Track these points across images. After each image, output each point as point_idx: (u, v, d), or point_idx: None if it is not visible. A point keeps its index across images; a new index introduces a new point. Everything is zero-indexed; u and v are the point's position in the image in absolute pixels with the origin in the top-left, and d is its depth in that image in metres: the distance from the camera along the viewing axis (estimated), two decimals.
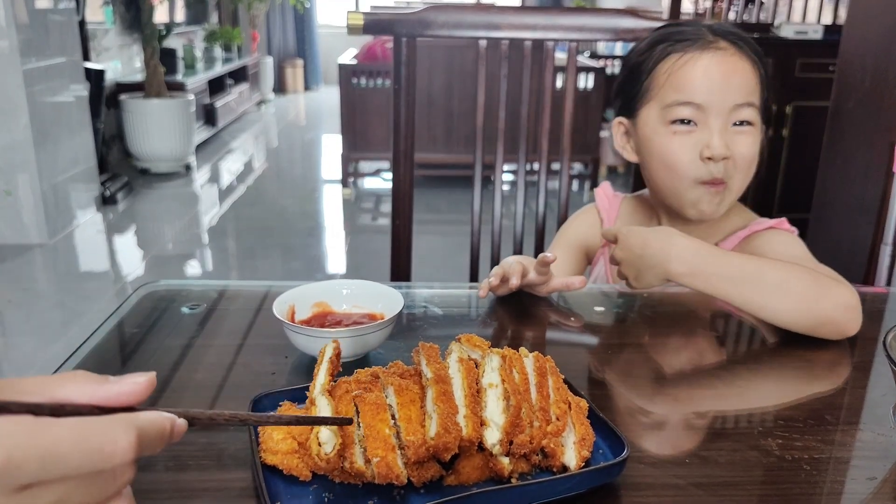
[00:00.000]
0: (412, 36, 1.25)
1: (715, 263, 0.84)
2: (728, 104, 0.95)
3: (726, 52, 0.96)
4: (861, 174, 2.26)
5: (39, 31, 3.54)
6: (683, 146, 0.97)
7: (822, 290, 0.82)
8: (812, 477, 0.58)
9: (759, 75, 0.98)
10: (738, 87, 0.95)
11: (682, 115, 0.97)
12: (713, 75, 0.95)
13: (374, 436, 0.53)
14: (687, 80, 0.96)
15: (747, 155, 0.97)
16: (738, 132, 0.97)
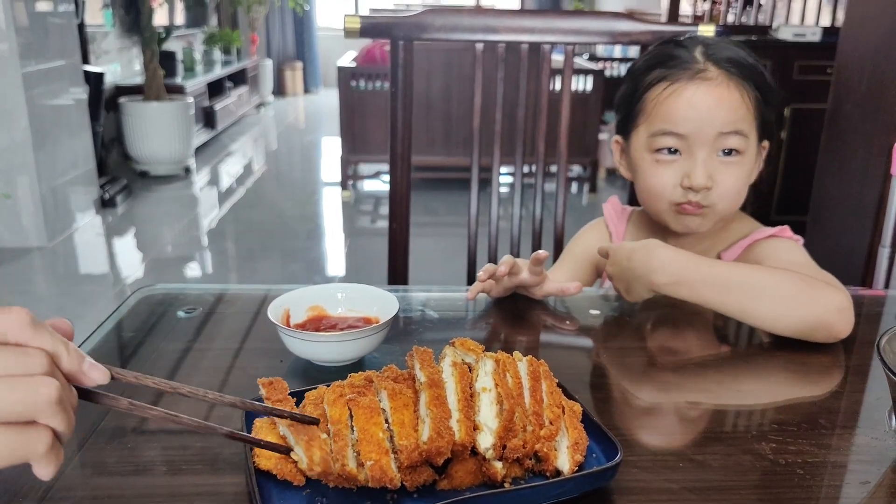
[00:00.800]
0: (409, 39, 1.25)
1: (699, 272, 0.85)
2: (712, 134, 0.96)
3: (713, 82, 0.96)
4: (859, 176, 2.26)
5: (39, 33, 3.54)
6: (665, 174, 0.99)
7: (810, 293, 0.82)
8: (805, 481, 0.58)
9: (753, 99, 0.97)
10: (723, 116, 0.95)
11: (665, 144, 0.98)
12: (698, 106, 0.96)
13: (368, 439, 0.54)
14: (671, 110, 0.97)
15: (731, 186, 0.97)
16: (724, 162, 0.97)
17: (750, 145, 0.98)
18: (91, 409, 0.67)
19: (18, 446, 0.38)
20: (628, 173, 1.08)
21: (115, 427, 0.65)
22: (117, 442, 0.63)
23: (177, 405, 0.69)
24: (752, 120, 0.98)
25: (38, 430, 0.39)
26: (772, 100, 1.00)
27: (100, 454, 0.61)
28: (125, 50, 5.48)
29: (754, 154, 1.00)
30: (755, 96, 0.97)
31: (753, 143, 0.99)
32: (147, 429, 0.65)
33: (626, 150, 1.07)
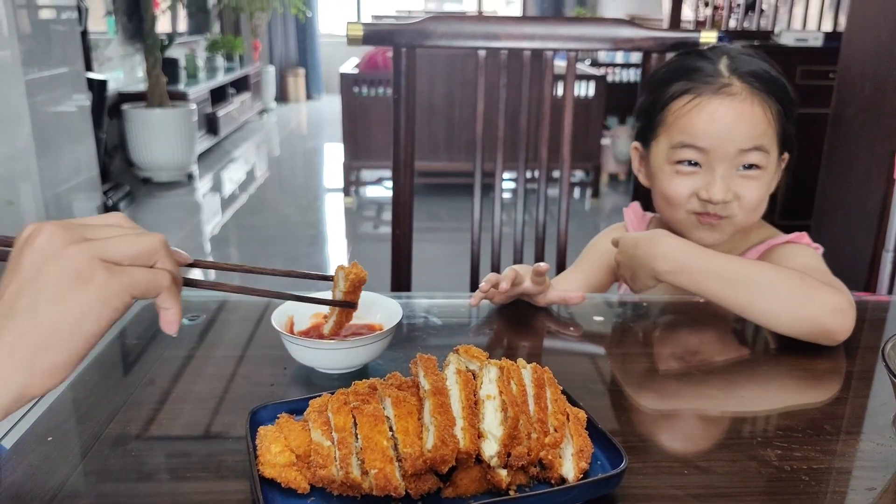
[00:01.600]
0: (412, 46, 1.26)
1: (701, 262, 0.86)
2: (733, 150, 0.96)
3: (737, 97, 0.96)
4: (862, 181, 2.26)
5: (42, 41, 3.56)
6: (683, 185, 0.99)
7: (809, 293, 0.82)
8: (811, 487, 0.58)
9: (775, 113, 0.97)
10: (745, 132, 0.95)
11: (686, 157, 0.98)
12: (720, 121, 0.96)
13: (372, 447, 0.54)
14: (693, 124, 0.97)
15: (752, 199, 0.98)
16: (745, 176, 0.97)
17: (770, 160, 0.98)
18: (95, 417, 0.68)
19: (152, 278, 0.49)
20: (647, 181, 1.08)
21: (119, 434, 0.65)
22: (121, 449, 0.63)
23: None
24: (774, 134, 0.98)
25: (160, 270, 0.50)
26: (792, 113, 1.00)
27: (104, 461, 0.61)
28: (128, 57, 5.49)
29: (775, 167, 1.00)
30: (777, 110, 0.97)
31: (774, 157, 0.99)
32: (151, 436, 0.65)
33: (644, 158, 1.08)
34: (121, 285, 0.47)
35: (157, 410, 0.69)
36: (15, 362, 0.44)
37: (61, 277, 0.45)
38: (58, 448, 0.62)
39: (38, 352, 0.44)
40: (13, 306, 0.45)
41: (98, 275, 0.46)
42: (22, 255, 0.46)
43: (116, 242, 0.47)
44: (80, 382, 0.74)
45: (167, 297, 0.50)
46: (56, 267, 0.45)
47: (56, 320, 0.45)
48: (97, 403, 0.70)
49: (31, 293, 0.45)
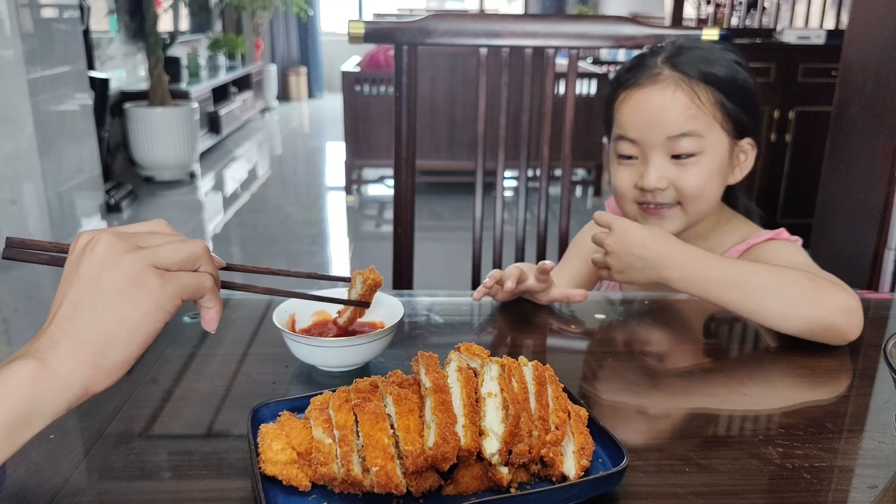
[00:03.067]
0: (413, 44, 1.25)
1: (710, 268, 0.85)
2: (660, 138, 0.97)
3: (660, 86, 0.97)
4: (864, 179, 2.25)
5: (44, 40, 3.56)
6: (625, 176, 1.02)
7: (819, 294, 0.82)
8: (813, 486, 0.58)
9: (711, 99, 0.97)
10: (670, 120, 0.96)
11: (622, 150, 1.01)
12: (643, 111, 0.98)
13: (374, 445, 0.54)
14: (624, 116, 1.00)
15: (690, 187, 0.98)
16: (681, 164, 0.98)
17: (710, 145, 0.97)
18: (98, 415, 0.68)
19: (198, 281, 0.53)
20: None
21: (122, 432, 0.65)
22: (123, 447, 0.63)
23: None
24: (711, 120, 0.97)
25: (203, 273, 0.54)
26: (744, 98, 0.99)
27: (106, 459, 0.61)
28: (130, 56, 5.50)
29: (723, 153, 0.99)
30: (715, 96, 0.97)
31: (717, 142, 0.98)
32: (153, 434, 0.65)
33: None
34: (172, 290, 0.51)
35: (160, 408, 0.70)
36: (78, 362, 0.48)
37: (120, 284, 0.49)
38: (60, 446, 0.63)
39: (99, 352, 0.48)
40: (76, 310, 0.49)
41: (152, 281, 0.50)
42: (80, 262, 0.50)
43: (166, 250, 0.52)
44: None
45: (210, 298, 0.55)
46: (115, 274, 0.49)
47: (115, 323, 0.49)
48: (99, 401, 0.70)
49: (91, 298, 0.49)
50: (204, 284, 0.54)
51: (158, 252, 0.51)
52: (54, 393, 0.47)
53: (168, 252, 0.52)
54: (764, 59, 3.44)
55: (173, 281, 0.51)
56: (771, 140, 3.51)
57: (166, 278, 0.51)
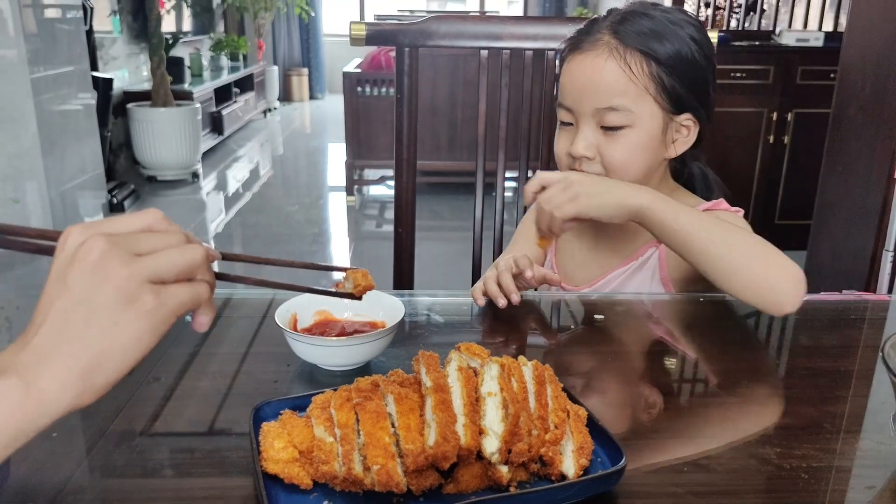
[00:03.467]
0: (414, 46, 1.26)
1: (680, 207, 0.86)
2: (590, 109, 0.96)
3: (593, 53, 0.96)
4: (862, 181, 2.26)
5: (47, 40, 3.57)
6: (561, 143, 1.02)
7: (769, 259, 0.83)
8: (810, 486, 0.59)
9: (648, 72, 0.95)
10: (599, 92, 0.95)
11: (561, 116, 1.01)
12: (576, 80, 0.97)
13: (375, 444, 0.54)
14: (562, 83, 1.00)
15: (614, 159, 0.97)
16: (609, 136, 0.97)
17: (639, 119, 0.96)
18: (100, 413, 0.68)
19: (194, 293, 0.51)
20: None
21: (124, 431, 0.66)
22: (126, 445, 0.63)
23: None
24: (643, 93, 0.95)
25: (200, 282, 0.52)
26: (687, 73, 0.96)
27: (109, 457, 0.62)
28: (133, 56, 5.51)
29: (655, 128, 0.97)
30: (652, 69, 0.95)
31: (648, 117, 0.96)
32: (155, 432, 0.66)
33: None
34: (168, 311, 0.49)
35: (162, 407, 0.70)
36: (66, 384, 0.46)
37: (114, 304, 0.47)
38: (62, 444, 0.63)
39: (88, 374, 0.47)
40: (64, 327, 0.47)
41: (148, 301, 0.48)
42: (70, 271, 0.47)
43: (164, 261, 0.49)
44: None
45: (204, 307, 0.53)
46: (109, 291, 0.47)
47: (108, 346, 0.47)
48: (102, 400, 0.70)
49: (82, 317, 0.47)
50: (200, 296, 0.52)
51: (156, 264, 0.49)
52: (39, 415, 0.46)
53: (166, 264, 0.49)
54: (763, 61, 3.44)
55: (169, 300, 0.49)
56: (769, 141, 3.51)
57: (162, 297, 0.48)
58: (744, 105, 3.48)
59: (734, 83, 3.45)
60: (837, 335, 0.90)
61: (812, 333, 0.91)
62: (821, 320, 0.94)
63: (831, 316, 0.96)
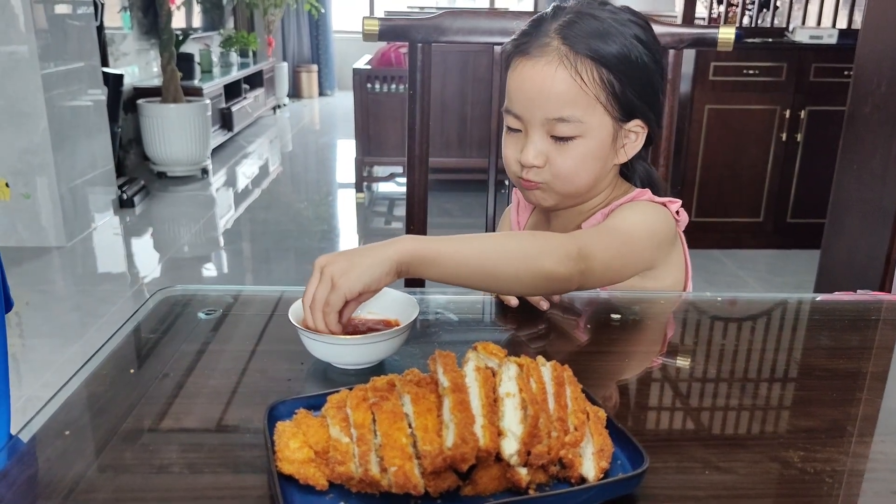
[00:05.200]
0: (427, 41, 1.25)
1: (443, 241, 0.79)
2: (539, 118, 0.95)
3: (545, 59, 0.93)
4: (878, 179, 2.23)
5: (58, 36, 3.58)
6: (510, 149, 1.00)
7: (538, 245, 0.81)
8: (835, 490, 0.58)
9: (598, 80, 0.93)
10: (550, 101, 0.93)
11: (510, 122, 0.99)
12: (527, 89, 0.95)
13: (392, 444, 0.53)
14: (511, 88, 0.98)
15: (562, 169, 0.96)
16: (559, 145, 0.96)
17: (590, 129, 0.94)
18: (116, 409, 0.68)
19: None
20: None
21: (136, 429, 0.65)
22: (138, 444, 0.63)
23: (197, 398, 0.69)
24: (593, 101, 0.93)
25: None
26: (636, 77, 0.94)
27: (121, 455, 0.61)
28: (143, 52, 5.52)
29: (605, 136, 0.96)
30: (603, 76, 0.93)
31: (598, 125, 0.95)
32: (167, 429, 0.65)
33: None
34: None
35: (174, 405, 0.69)
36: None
37: None
38: (75, 442, 0.63)
39: None
40: None
41: None
42: None
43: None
44: (96, 377, 0.74)
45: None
46: None
47: None
48: (114, 398, 0.71)
49: None
50: None
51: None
52: None
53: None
54: (776, 58, 3.41)
55: None
56: (782, 139, 3.49)
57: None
58: (757, 102, 3.45)
59: (747, 80, 3.42)
60: (853, 336, 0.88)
61: (827, 334, 0.90)
62: (836, 321, 0.93)
63: (846, 316, 0.94)
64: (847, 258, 2.40)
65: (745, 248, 3.63)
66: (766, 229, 3.62)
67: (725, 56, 3.35)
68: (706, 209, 3.56)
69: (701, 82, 3.41)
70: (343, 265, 0.73)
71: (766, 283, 3.32)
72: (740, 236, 3.63)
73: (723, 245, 3.63)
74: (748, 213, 3.60)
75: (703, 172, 3.53)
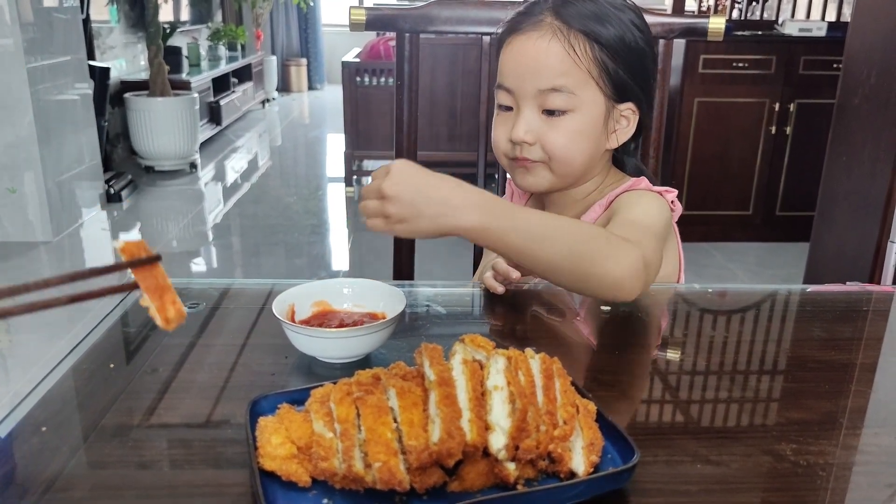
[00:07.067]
0: (415, 31, 1.23)
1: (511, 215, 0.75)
2: (532, 90, 0.93)
3: (537, 34, 0.93)
4: (867, 171, 2.23)
5: (44, 29, 3.53)
6: (501, 129, 0.99)
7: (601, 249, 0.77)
8: (828, 483, 0.57)
9: (592, 56, 0.92)
10: (543, 72, 0.92)
11: (500, 99, 0.98)
12: (520, 60, 0.94)
13: (376, 440, 0.52)
14: (504, 63, 0.97)
15: (554, 145, 0.94)
16: (551, 121, 0.94)
17: (582, 104, 0.93)
18: (95, 404, 0.66)
19: None
20: None
21: (117, 424, 0.63)
22: (118, 439, 0.61)
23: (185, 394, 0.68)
24: (586, 76, 0.93)
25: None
26: (630, 61, 0.94)
27: (101, 451, 0.60)
28: (130, 45, 5.47)
29: (597, 114, 0.95)
30: (596, 54, 0.92)
31: (590, 102, 0.94)
32: (150, 424, 0.64)
33: None
34: None
35: (156, 399, 0.68)
36: None
37: None
38: (54, 437, 0.61)
39: None
40: None
41: None
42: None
43: None
44: (75, 372, 0.73)
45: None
46: None
47: None
48: (94, 392, 0.69)
49: None
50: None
51: None
52: None
53: None
54: (765, 51, 3.41)
55: None
56: (771, 132, 3.49)
57: None
58: (746, 95, 3.45)
59: (736, 73, 3.42)
60: (843, 327, 0.88)
61: (818, 325, 0.89)
62: (826, 312, 0.92)
63: (836, 307, 0.94)
64: (836, 250, 2.40)
65: (734, 240, 3.64)
66: (755, 222, 3.62)
67: (715, 49, 3.34)
68: (695, 202, 3.56)
69: (690, 75, 3.41)
70: (405, 214, 0.74)
71: (755, 275, 3.32)
72: (729, 229, 3.63)
73: (712, 238, 3.64)
74: (737, 206, 3.60)
75: (692, 165, 3.53)
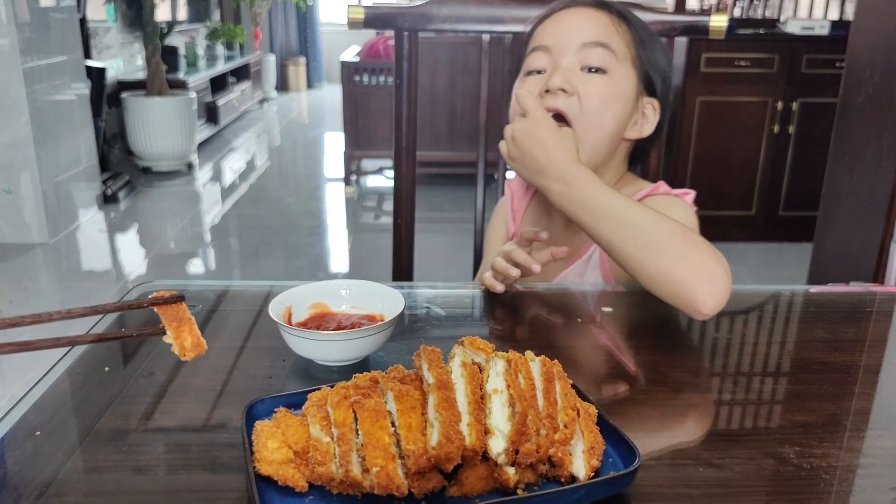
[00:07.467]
0: (414, 30, 1.22)
1: (597, 196, 0.80)
2: (576, 43, 0.95)
3: (582, 7, 0.98)
4: (870, 170, 2.22)
5: (40, 28, 3.52)
6: (528, 85, 0.98)
7: (685, 251, 0.77)
8: (831, 486, 0.56)
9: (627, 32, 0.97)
10: (589, 28, 0.95)
11: (533, 63, 0.98)
12: (564, 21, 0.97)
13: (374, 444, 0.51)
14: (542, 30, 0.99)
15: (594, 96, 0.94)
16: (589, 76, 0.95)
17: (619, 71, 0.95)
18: (91, 408, 0.65)
19: None
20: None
21: (112, 428, 0.63)
22: (116, 443, 0.60)
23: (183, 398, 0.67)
24: (625, 51, 0.96)
25: None
26: (657, 57, 0.99)
27: (97, 454, 0.59)
28: (127, 45, 5.45)
29: (629, 89, 0.97)
30: (634, 37, 0.97)
31: (625, 75, 0.96)
32: (146, 429, 0.63)
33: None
34: None
35: (152, 403, 0.67)
36: None
37: None
38: (48, 442, 0.60)
39: None
40: None
41: None
42: None
43: None
44: (71, 374, 0.72)
45: None
46: None
47: None
48: (89, 396, 0.68)
49: None
50: None
51: None
52: None
53: None
54: (767, 49, 3.40)
55: None
56: (774, 131, 3.48)
57: None
58: (748, 94, 3.44)
59: (738, 72, 3.41)
60: (847, 328, 0.87)
61: (820, 326, 0.88)
62: (830, 313, 0.92)
63: (840, 308, 0.93)
64: (840, 250, 2.40)
65: (737, 241, 3.63)
66: (758, 222, 3.61)
67: (717, 48, 3.33)
68: (697, 202, 3.54)
69: (692, 74, 3.40)
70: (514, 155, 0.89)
71: (758, 276, 3.31)
72: (731, 229, 3.62)
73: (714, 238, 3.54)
74: (740, 206, 3.59)
75: (694, 165, 3.52)
